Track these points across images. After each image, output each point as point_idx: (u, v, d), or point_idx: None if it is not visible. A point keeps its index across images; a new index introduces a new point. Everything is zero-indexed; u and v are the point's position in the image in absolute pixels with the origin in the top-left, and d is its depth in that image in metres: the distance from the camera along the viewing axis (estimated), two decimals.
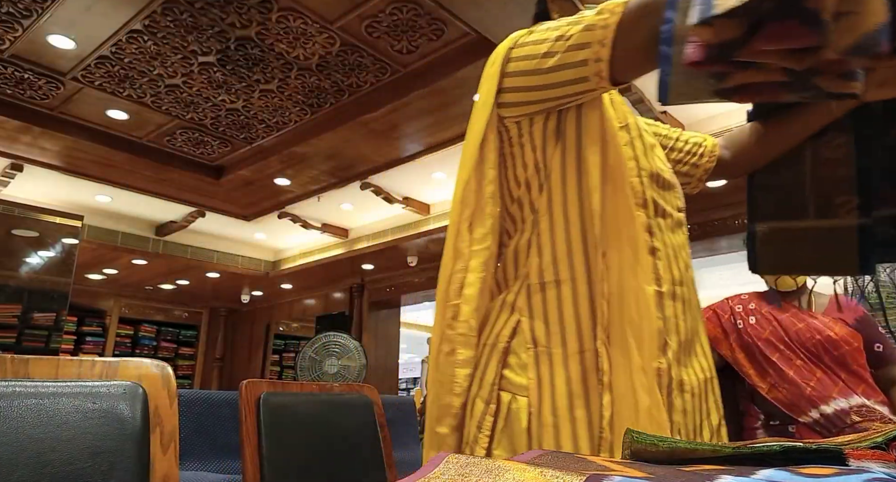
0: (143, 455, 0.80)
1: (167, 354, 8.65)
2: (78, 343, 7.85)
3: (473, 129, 0.91)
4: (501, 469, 0.36)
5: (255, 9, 3.09)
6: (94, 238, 6.04)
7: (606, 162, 0.87)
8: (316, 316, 8.15)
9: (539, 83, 0.83)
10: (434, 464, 0.37)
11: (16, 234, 3.87)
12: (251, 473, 1.15)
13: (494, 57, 0.90)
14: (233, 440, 2.11)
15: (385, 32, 3.28)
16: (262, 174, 5.09)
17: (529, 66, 0.84)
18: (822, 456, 0.41)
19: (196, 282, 7.83)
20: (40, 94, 3.96)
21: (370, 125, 4.19)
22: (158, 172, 5.02)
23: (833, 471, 0.35)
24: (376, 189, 5.29)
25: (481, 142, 0.90)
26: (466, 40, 3.33)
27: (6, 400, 0.73)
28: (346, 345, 4.73)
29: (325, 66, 3.61)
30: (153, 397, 0.85)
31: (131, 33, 3.32)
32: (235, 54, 3.50)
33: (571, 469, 0.35)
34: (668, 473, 0.36)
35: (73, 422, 0.77)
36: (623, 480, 0.33)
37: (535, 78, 0.83)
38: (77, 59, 3.56)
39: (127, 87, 3.88)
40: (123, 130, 4.49)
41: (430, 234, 5.85)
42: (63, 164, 4.87)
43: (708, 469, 0.38)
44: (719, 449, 0.44)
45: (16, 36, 3.34)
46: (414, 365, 13.44)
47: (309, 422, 1.32)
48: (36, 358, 0.81)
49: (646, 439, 0.46)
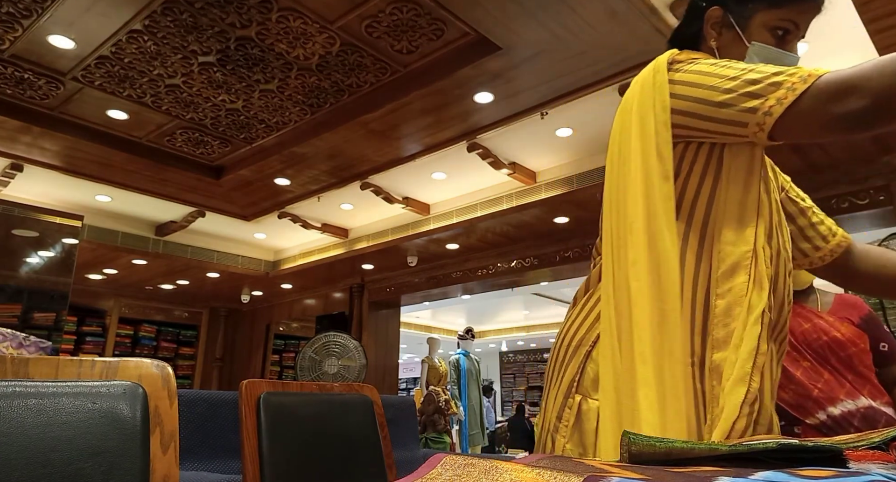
0: (144, 455, 0.80)
1: (167, 354, 8.64)
2: (78, 343, 7.85)
3: (647, 132, 0.88)
4: (499, 470, 0.36)
5: (255, 9, 3.09)
6: (94, 238, 6.04)
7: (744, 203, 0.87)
8: (316, 316, 8.15)
9: (702, 112, 0.84)
10: (431, 465, 0.37)
11: (16, 233, 3.87)
12: (251, 473, 1.15)
13: (658, 66, 0.90)
14: (233, 440, 2.11)
15: (385, 32, 3.28)
16: (261, 174, 5.09)
17: (698, 93, 0.85)
18: (821, 456, 0.41)
19: (196, 282, 7.83)
20: (40, 94, 3.96)
21: (370, 125, 4.19)
22: (158, 172, 5.02)
23: (832, 473, 0.35)
24: (376, 189, 5.29)
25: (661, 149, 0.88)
26: (466, 40, 3.33)
27: (6, 400, 0.73)
28: (346, 345, 4.73)
29: (325, 66, 3.61)
30: (153, 397, 0.85)
31: (131, 33, 3.32)
32: (235, 54, 3.50)
33: (569, 471, 0.35)
34: (666, 475, 0.36)
35: (73, 422, 0.77)
36: (621, 481, 0.33)
37: (702, 107, 0.84)
38: (77, 59, 3.56)
39: (127, 87, 3.88)
40: (123, 130, 4.49)
41: (430, 234, 5.85)
42: (63, 164, 4.87)
43: (706, 470, 0.38)
44: (716, 448, 0.44)
45: (16, 36, 3.34)
46: (414, 365, 13.44)
47: (309, 422, 1.32)
48: (36, 358, 0.81)
49: (643, 440, 0.46)
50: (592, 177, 4.71)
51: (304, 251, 7.19)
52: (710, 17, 0.97)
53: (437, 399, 6.23)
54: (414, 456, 2.93)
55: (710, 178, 0.88)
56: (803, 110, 0.77)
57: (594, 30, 3.09)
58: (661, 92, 0.88)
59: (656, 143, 0.87)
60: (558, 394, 0.92)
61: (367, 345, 5.74)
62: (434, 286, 6.88)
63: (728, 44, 0.95)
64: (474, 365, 7.28)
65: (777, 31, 0.92)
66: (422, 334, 11.40)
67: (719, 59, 0.88)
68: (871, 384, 1.78)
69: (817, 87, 0.77)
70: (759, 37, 0.93)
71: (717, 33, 0.97)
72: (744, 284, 0.83)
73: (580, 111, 4.03)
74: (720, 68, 0.85)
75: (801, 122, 0.79)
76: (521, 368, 15.41)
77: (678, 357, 0.79)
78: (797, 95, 0.77)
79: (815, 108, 0.77)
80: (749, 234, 0.85)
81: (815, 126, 0.79)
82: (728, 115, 0.82)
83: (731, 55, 0.94)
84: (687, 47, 0.99)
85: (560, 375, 0.93)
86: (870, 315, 1.91)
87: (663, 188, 0.86)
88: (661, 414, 0.77)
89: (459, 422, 6.82)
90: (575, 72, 3.51)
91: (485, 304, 11.16)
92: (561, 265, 5.87)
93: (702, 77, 0.85)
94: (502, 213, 5.27)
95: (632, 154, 0.89)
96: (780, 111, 0.78)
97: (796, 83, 0.78)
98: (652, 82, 0.90)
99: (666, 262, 0.83)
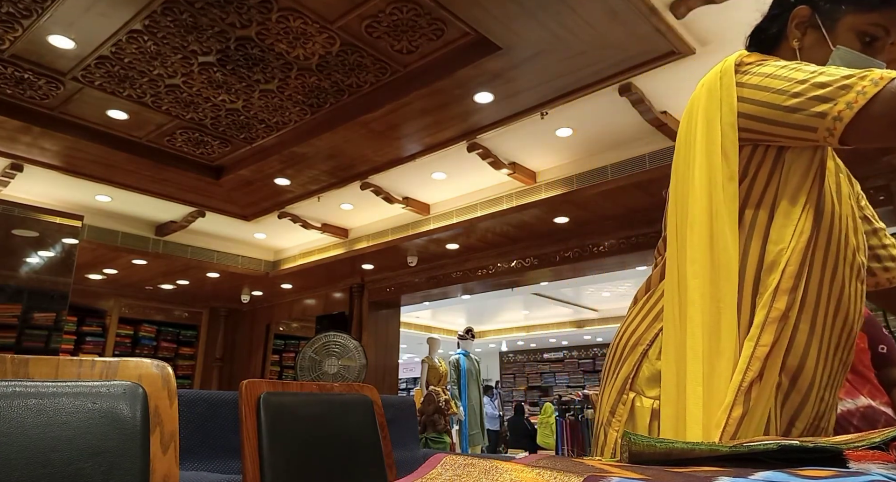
0: (144, 455, 0.80)
1: (167, 354, 8.64)
2: (78, 343, 7.85)
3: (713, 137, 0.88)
4: (499, 470, 0.36)
5: (255, 9, 3.09)
6: (94, 238, 6.04)
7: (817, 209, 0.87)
8: (316, 316, 8.16)
9: (771, 117, 0.83)
10: (431, 465, 0.37)
11: (16, 233, 3.86)
12: (251, 473, 1.15)
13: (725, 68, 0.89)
14: (233, 440, 2.11)
15: (385, 32, 3.28)
16: (261, 174, 5.09)
17: (766, 97, 0.83)
18: (821, 456, 0.41)
19: (196, 282, 7.84)
20: (40, 94, 3.96)
21: (370, 125, 4.19)
22: (158, 172, 5.02)
23: (832, 473, 0.35)
24: (376, 189, 5.29)
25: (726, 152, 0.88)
26: (466, 40, 3.33)
27: (6, 400, 0.73)
28: (346, 345, 4.73)
29: (325, 66, 3.61)
30: (153, 397, 0.85)
31: (131, 33, 3.32)
32: (235, 54, 3.50)
33: (569, 471, 0.35)
34: (666, 475, 0.36)
35: (73, 422, 0.77)
36: (621, 481, 0.33)
37: (770, 111, 0.83)
38: (77, 59, 3.56)
39: (127, 87, 3.88)
40: (123, 130, 4.49)
41: (430, 234, 5.85)
42: (63, 164, 4.87)
43: (705, 470, 0.38)
44: (716, 448, 0.44)
45: (16, 36, 3.34)
46: (414, 365, 13.44)
47: (309, 422, 1.32)
48: (36, 358, 0.81)
49: (643, 441, 0.46)
50: (592, 177, 4.71)
51: (304, 251, 7.19)
52: (795, 16, 0.94)
53: (437, 399, 6.23)
54: (414, 456, 2.93)
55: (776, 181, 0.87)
56: (875, 115, 0.75)
57: (594, 30, 3.09)
58: (729, 94, 0.86)
59: (722, 144, 0.86)
60: (612, 391, 0.94)
61: (367, 345, 5.74)
62: (434, 286, 6.88)
63: (811, 45, 0.93)
64: (474, 365, 7.28)
65: (865, 36, 0.89)
66: (422, 334, 11.40)
67: (789, 62, 0.86)
68: (871, 384, 1.78)
69: (890, 90, 0.74)
70: (844, 40, 0.90)
71: (802, 33, 0.94)
72: (774, 281, 0.83)
73: (580, 111, 4.03)
74: (789, 71, 0.83)
75: (874, 127, 0.76)
76: (521, 368, 15.41)
77: (728, 355, 0.80)
78: (868, 99, 0.75)
79: (887, 112, 0.74)
80: (787, 233, 0.84)
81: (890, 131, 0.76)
82: (797, 120, 0.81)
83: (813, 58, 0.91)
84: (766, 46, 0.97)
85: (616, 372, 0.95)
86: (869, 316, 1.91)
87: (728, 188, 0.85)
88: (706, 410, 0.78)
89: (459, 422, 6.82)
90: (575, 72, 3.51)
91: (485, 304, 11.16)
92: (561, 265, 5.87)
93: (770, 80, 0.84)
94: (502, 212, 5.27)
95: (697, 155, 0.89)
96: (850, 116, 0.76)
97: (867, 86, 0.76)
98: (719, 84, 0.88)
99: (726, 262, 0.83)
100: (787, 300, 0.81)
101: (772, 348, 0.80)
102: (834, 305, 0.88)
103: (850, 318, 0.89)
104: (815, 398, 0.85)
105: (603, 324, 12.07)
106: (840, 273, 0.89)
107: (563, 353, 14.82)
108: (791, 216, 0.84)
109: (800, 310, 0.84)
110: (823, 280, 0.87)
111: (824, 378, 0.87)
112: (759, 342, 0.80)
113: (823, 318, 0.87)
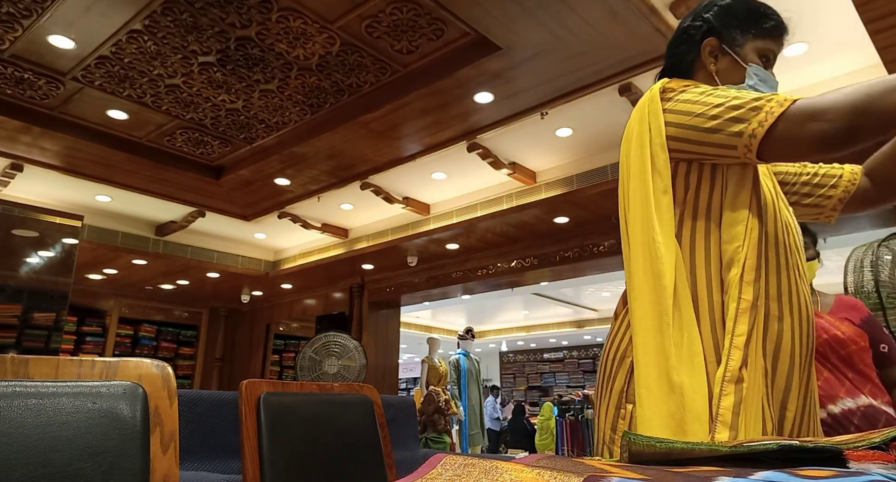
0: (144, 455, 0.80)
1: (167, 354, 8.64)
2: (78, 343, 7.84)
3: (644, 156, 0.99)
4: (499, 470, 0.36)
5: (255, 9, 3.09)
6: (94, 238, 6.04)
7: None
8: (316, 316, 8.15)
9: (695, 138, 0.94)
10: (431, 465, 0.37)
11: (16, 233, 3.87)
12: (251, 473, 1.15)
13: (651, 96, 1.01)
14: (233, 440, 2.11)
15: (385, 32, 3.28)
16: (261, 174, 5.09)
17: (689, 120, 0.95)
18: (821, 456, 0.41)
19: (196, 282, 7.83)
20: (40, 94, 3.96)
21: (370, 125, 4.19)
22: (158, 172, 5.02)
23: (832, 474, 0.35)
24: (376, 189, 5.29)
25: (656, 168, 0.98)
26: (466, 40, 3.33)
27: (6, 400, 0.73)
28: (346, 345, 4.73)
29: (325, 66, 3.61)
30: (153, 397, 0.85)
31: (131, 33, 3.32)
32: (235, 54, 3.50)
33: (569, 471, 0.35)
34: (666, 475, 0.36)
35: (73, 422, 0.77)
36: (621, 481, 0.33)
37: (693, 133, 0.94)
38: (77, 59, 3.56)
39: (127, 87, 3.88)
40: (123, 130, 4.49)
41: (429, 234, 5.85)
42: (63, 164, 4.87)
43: (705, 470, 0.38)
44: (716, 448, 0.44)
45: (16, 36, 3.34)
46: (414, 365, 13.44)
47: (309, 422, 1.32)
48: (36, 358, 0.81)
49: (643, 440, 0.46)
50: (592, 177, 4.71)
51: (304, 251, 7.19)
52: (707, 46, 1.08)
53: (437, 399, 6.23)
54: (414, 456, 2.93)
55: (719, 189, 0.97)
56: (781, 132, 0.87)
57: (594, 30, 3.09)
58: (656, 118, 0.98)
59: (654, 163, 0.97)
60: (609, 406, 0.98)
61: (367, 345, 5.74)
62: (434, 286, 6.88)
63: (726, 68, 1.07)
64: (474, 365, 7.28)
65: (763, 57, 1.06)
66: (422, 334, 11.40)
67: (706, 87, 0.98)
68: (872, 383, 1.78)
69: (791, 111, 0.87)
70: (752, 60, 1.06)
71: (715, 59, 1.08)
72: (736, 275, 0.90)
73: (580, 111, 4.03)
74: (707, 96, 0.95)
75: (782, 143, 0.88)
76: (521, 368, 15.41)
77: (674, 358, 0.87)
78: (775, 118, 0.87)
79: (790, 130, 0.87)
80: (738, 231, 0.93)
81: (794, 146, 0.88)
82: (718, 140, 0.92)
83: (730, 78, 1.06)
84: (683, 72, 1.10)
85: (609, 388, 0.99)
86: (870, 316, 1.91)
87: (662, 201, 0.95)
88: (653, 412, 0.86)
89: (459, 422, 6.82)
90: (575, 72, 3.51)
91: (485, 304, 11.16)
92: (561, 265, 5.87)
93: (690, 106, 0.95)
94: (502, 212, 5.27)
95: (632, 176, 0.99)
96: (762, 133, 0.88)
97: (774, 107, 0.88)
98: (647, 111, 1.00)
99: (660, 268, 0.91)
100: (753, 290, 0.90)
101: (749, 336, 0.87)
102: (794, 289, 0.97)
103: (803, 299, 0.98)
104: (798, 380, 0.93)
105: (603, 325, 12.07)
106: (793, 260, 0.99)
107: (563, 353, 14.82)
108: (739, 217, 0.94)
109: (766, 298, 0.93)
110: (780, 268, 0.97)
111: (802, 358, 0.95)
112: (734, 332, 0.87)
113: (789, 302, 0.95)
